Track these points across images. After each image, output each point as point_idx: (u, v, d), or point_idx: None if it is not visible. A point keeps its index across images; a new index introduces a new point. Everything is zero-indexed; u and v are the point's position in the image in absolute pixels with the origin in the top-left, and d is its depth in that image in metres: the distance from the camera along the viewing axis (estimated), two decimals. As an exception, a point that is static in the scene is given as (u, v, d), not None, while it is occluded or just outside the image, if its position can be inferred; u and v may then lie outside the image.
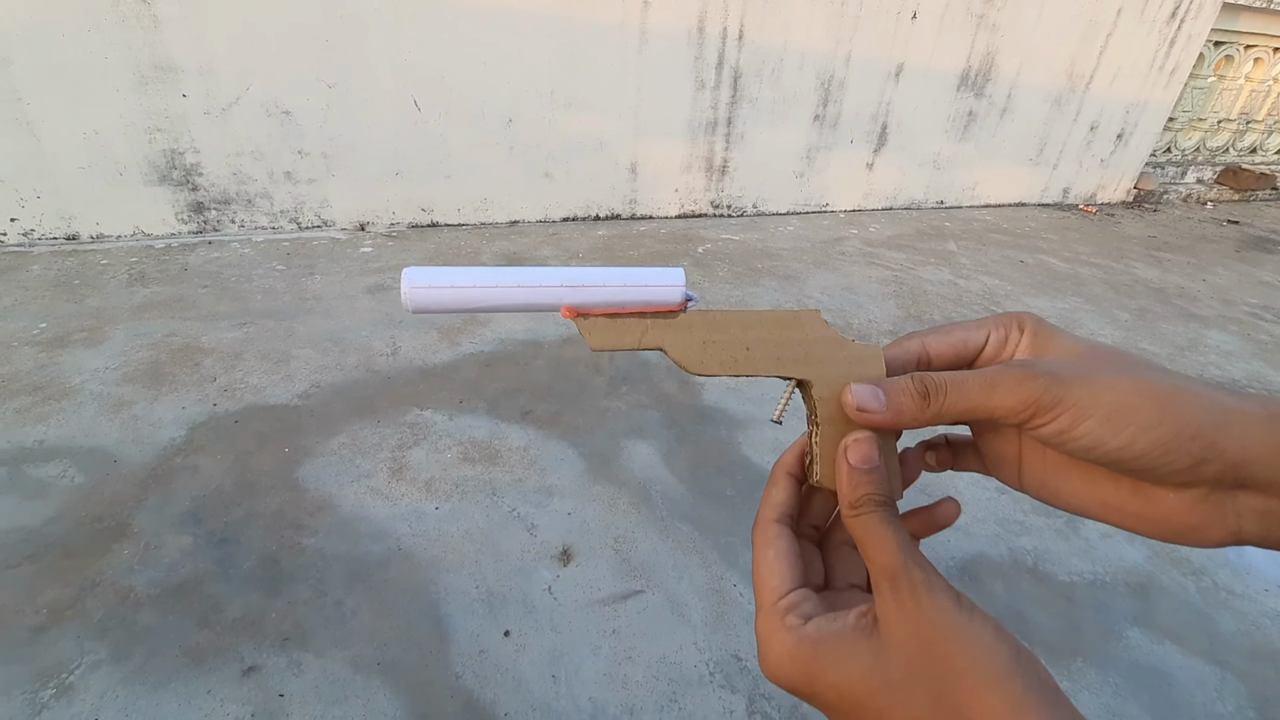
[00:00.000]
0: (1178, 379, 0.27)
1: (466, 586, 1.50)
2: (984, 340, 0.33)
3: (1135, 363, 0.29)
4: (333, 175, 3.35)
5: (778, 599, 0.29)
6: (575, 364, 2.41)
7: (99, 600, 1.38)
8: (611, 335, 0.30)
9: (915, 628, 0.25)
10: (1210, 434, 0.25)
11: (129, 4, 2.74)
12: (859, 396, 0.30)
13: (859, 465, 0.30)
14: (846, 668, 0.26)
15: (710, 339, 0.31)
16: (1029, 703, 0.23)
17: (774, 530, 0.32)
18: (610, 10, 3.44)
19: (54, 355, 2.21)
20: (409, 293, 0.28)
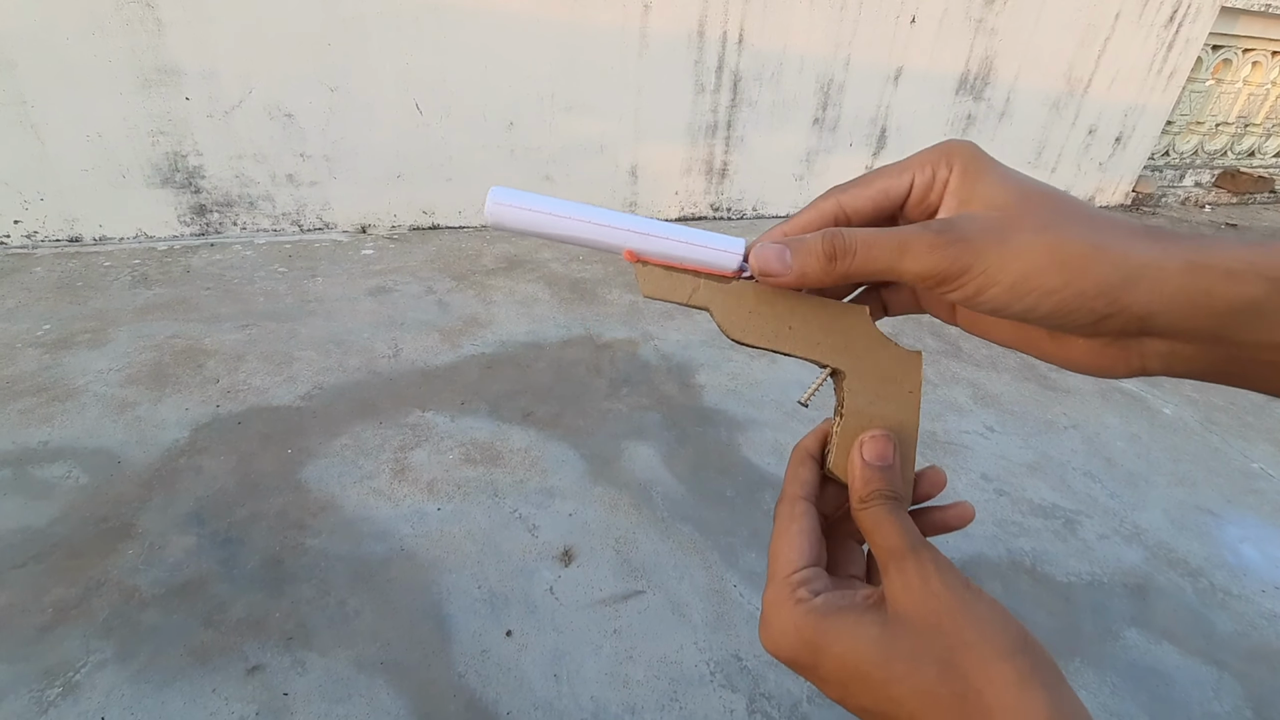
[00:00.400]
0: (1096, 234, 0.26)
1: (469, 587, 1.51)
2: (907, 187, 0.31)
3: (1058, 212, 0.27)
4: (335, 178, 3.36)
5: (791, 572, 0.30)
6: (576, 366, 2.42)
7: (104, 600, 1.39)
8: (665, 285, 0.31)
9: (923, 602, 0.26)
10: (1116, 292, 0.25)
11: (133, 8, 2.76)
12: (762, 258, 0.30)
13: (873, 461, 0.31)
14: (853, 639, 0.27)
15: (757, 310, 0.32)
16: (1037, 678, 0.23)
17: (801, 507, 0.32)
18: (611, 14, 3.46)
19: (58, 357, 2.22)
20: (492, 208, 0.30)
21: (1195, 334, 0.25)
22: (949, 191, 0.30)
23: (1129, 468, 2.15)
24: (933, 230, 0.28)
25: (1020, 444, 2.21)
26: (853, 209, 0.32)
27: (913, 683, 0.25)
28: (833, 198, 0.32)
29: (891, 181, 0.31)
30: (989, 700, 0.23)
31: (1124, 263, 0.25)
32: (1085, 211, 0.27)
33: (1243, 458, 2.26)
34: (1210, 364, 0.27)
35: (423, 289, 2.92)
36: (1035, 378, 2.64)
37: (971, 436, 2.23)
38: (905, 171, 0.31)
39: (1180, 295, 0.25)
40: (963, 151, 0.31)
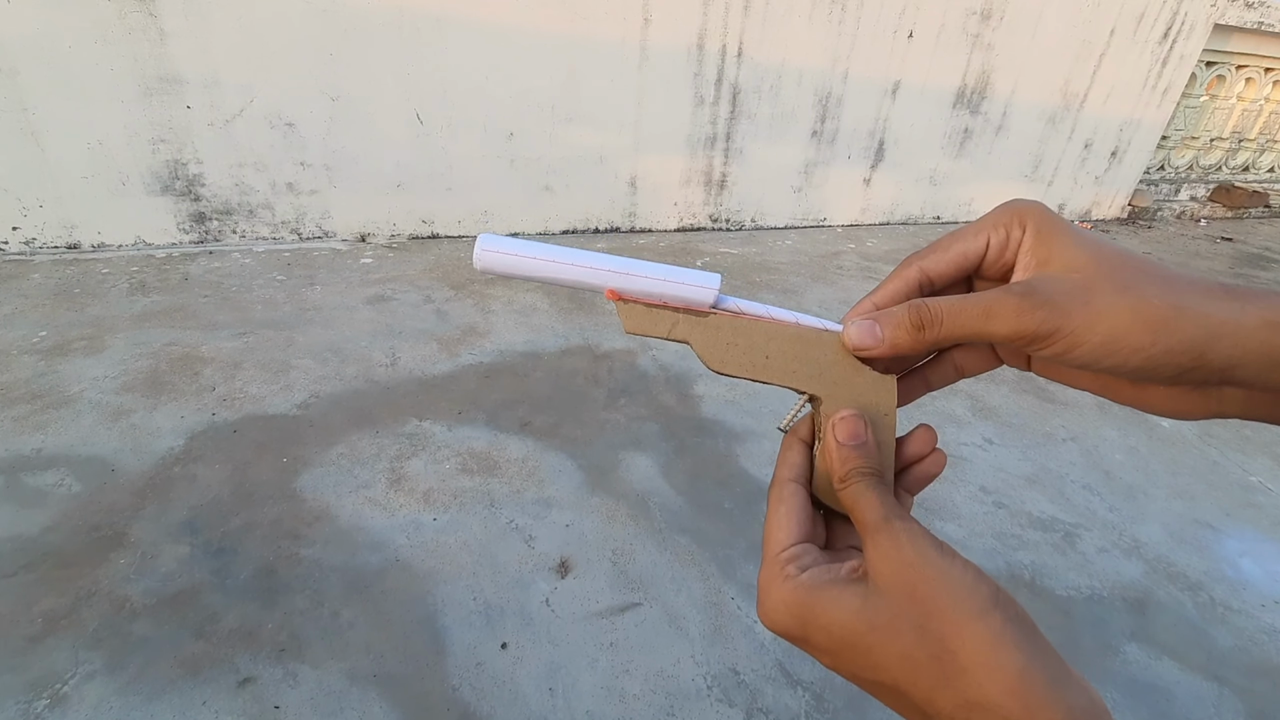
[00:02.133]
0: (1176, 294, 0.27)
1: (464, 598, 1.49)
2: (984, 247, 0.32)
3: (1138, 274, 0.28)
4: (334, 187, 3.37)
5: (780, 551, 0.31)
6: (574, 376, 2.42)
7: (94, 610, 1.37)
8: (646, 322, 0.33)
9: (900, 571, 0.27)
10: (1200, 349, 0.27)
11: (136, 17, 2.77)
12: (856, 336, 0.32)
13: (846, 441, 0.32)
14: (837, 610, 0.28)
15: (734, 341, 0.33)
16: (1009, 634, 0.25)
17: (789, 489, 0.33)
18: (611, 27, 3.49)
19: (53, 363, 2.21)
20: (480, 254, 0.31)
21: (1274, 385, 0.27)
22: (1023, 251, 0.31)
23: (1127, 480, 2.14)
24: (1016, 294, 0.29)
25: (1019, 456, 2.21)
26: (935, 273, 0.33)
27: (893, 648, 0.26)
28: (914, 265, 0.34)
29: (968, 244, 0.32)
30: (963, 660, 0.24)
31: (1205, 321, 0.27)
32: (1161, 271, 0.29)
33: (1241, 471, 2.25)
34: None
35: (421, 298, 2.92)
36: (1033, 390, 2.64)
37: (970, 449, 2.22)
38: (980, 234, 0.32)
39: (1261, 350, 0.26)
40: (1034, 213, 0.31)
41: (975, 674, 0.24)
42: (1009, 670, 0.24)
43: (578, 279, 0.32)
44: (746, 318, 0.33)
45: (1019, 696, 0.24)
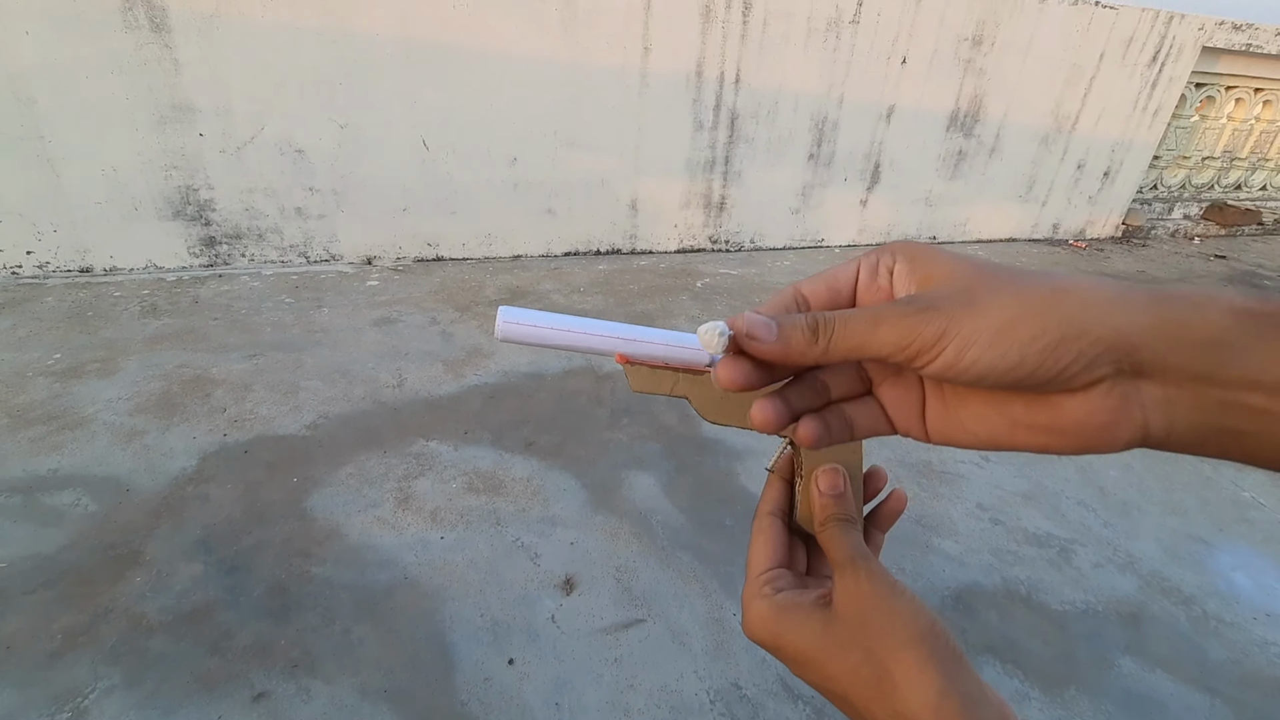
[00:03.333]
0: (1059, 281, 0.27)
1: (471, 615, 1.53)
2: (854, 276, 0.33)
3: (1016, 275, 0.28)
4: (342, 211, 3.45)
5: (759, 573, 0.36)
6: (577, 396, 2.46)
7: (112, 626, 1.41)
8: (650, 382, 0.37)
9: (856, 603, 0.32)
10: (1094, 329, 0.26)
11: (152, 48, 2.87)
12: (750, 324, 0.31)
13: (827, 491, 0.37)
14: (802, 630, 0.33)
15: (728, 396, 0.37)
16: (934, 660, 0.29)
17: (768, 521, 0.39)
18: (612, 55, 3.59)
19: (68, 385, 2.26)
20: (502, 326, 0.35)
21: (1183, 371, 0.26)
22: (898, 275, 0.32)
23: (1122, 496, 2.18)
24: (903, 302, 0.30)
25: (1014, 473, 2.24)
26: (809, 291, 0.34)
27: (843, 666, 0.31)
28: (791, 287, 0.35)
29: (839, 271, 0.34)
30: (896, 679, 0.30)
31: (1094, 299, 0.26)
32: (1038, 272, 0.29)
33: (1234, 486, 2.29)
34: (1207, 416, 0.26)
35: (427, 320, 2.98)
36: (1029, 407, 2.68)
37: (966, 466, 2.26)
38: (850, 264, 0.34)
39: (1156, 326, 0.26)
40: (902, 246, 0.32)
41: (903, 690, 0.29)
42: (930, 689, 0.29)
43: (590, 346, 0.36)
44: None
45: (936, 711, 0.29)
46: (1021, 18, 4.42)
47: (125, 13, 2.78)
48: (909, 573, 1.77)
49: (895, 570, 1.76)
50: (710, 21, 3.71)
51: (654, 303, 3.39)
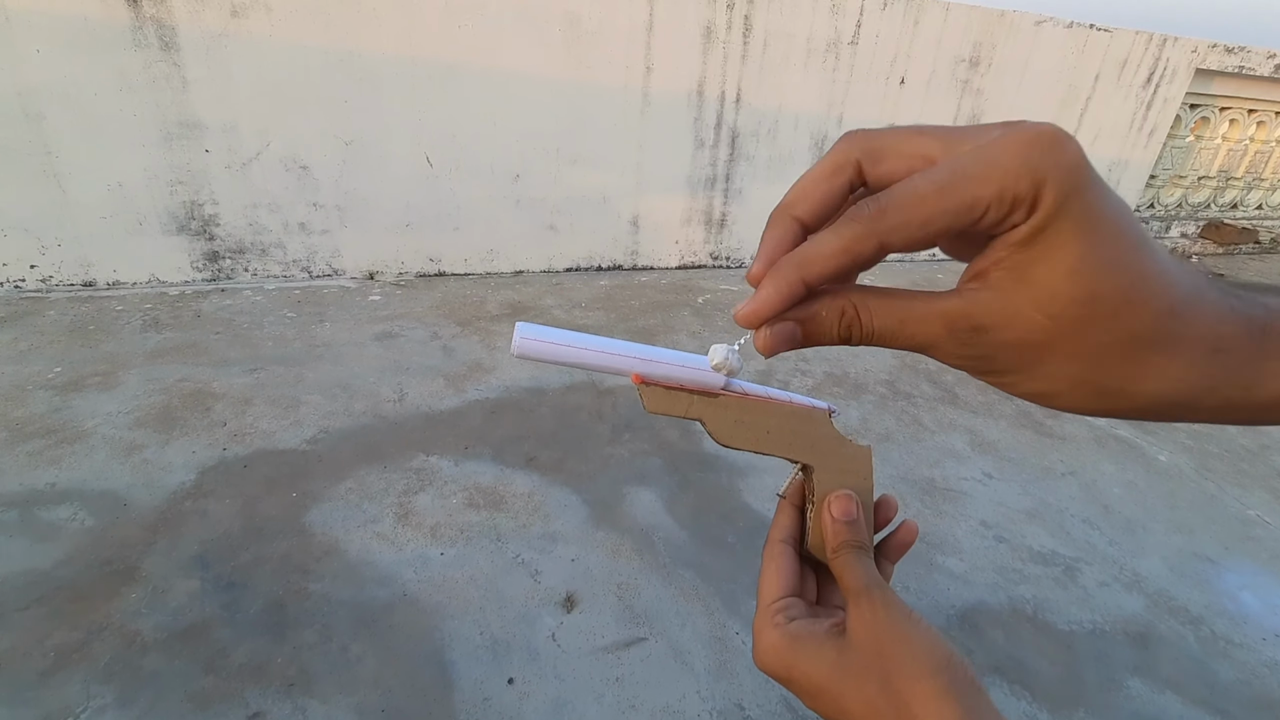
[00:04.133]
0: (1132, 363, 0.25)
1: (471, 633, 1.51)
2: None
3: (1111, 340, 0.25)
4: (345, 226, 3.46)
5: (771, 601, 0.35)
6: (579, 411, 2.46)
7: (106, 644, 1.39)
8: (665, 403, 0.36)
9: (871, 631, 0.31)
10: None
11: (160, 66, 2.90)
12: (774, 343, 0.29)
13: (840, 518, 0.36)
14: (816, 659, 0.32)
15: (740, 419, 0.37)
16: (952, 691, 0.28)
17: (779, 549, 0.38)
18: (615, 74, 3.63)
19: (68, 399, 2.25)
20: (520, 342, 0.34)
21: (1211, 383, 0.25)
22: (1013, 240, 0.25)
23: (1127, 514, 2.16)
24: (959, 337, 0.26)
25: (1019, 491, 2.23)
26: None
27: (859, 696, 0.30)
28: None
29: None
30: (915, 710, 0.29)
31: None
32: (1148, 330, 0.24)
33: (1239, 504, 2.28)
34: None
35: (428, 334, 2.98)
36: (1031, 424, 2.67)
37: (970, 483, 2.25)
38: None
39: None
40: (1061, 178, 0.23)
41: None
42: (953, 717, 0.28)
43: (606, 365, 0.36)
44: (750, 398, 0.38)
45: None
46: (1018, 39, 4.48)
47: (135, 32, 2.81)
48: (913, 591, 1.75)
49: (899, 589, 1.75)
50: (711, 42, 3.75)
51: (655, 318, 3.40)
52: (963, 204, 0.24)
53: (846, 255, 0.26)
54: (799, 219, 0.29)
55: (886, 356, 3.20)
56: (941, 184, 0.24)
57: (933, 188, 0.24)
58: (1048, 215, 0.23)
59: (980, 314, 0.26)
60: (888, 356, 3.20)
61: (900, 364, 3.13)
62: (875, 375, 2.98)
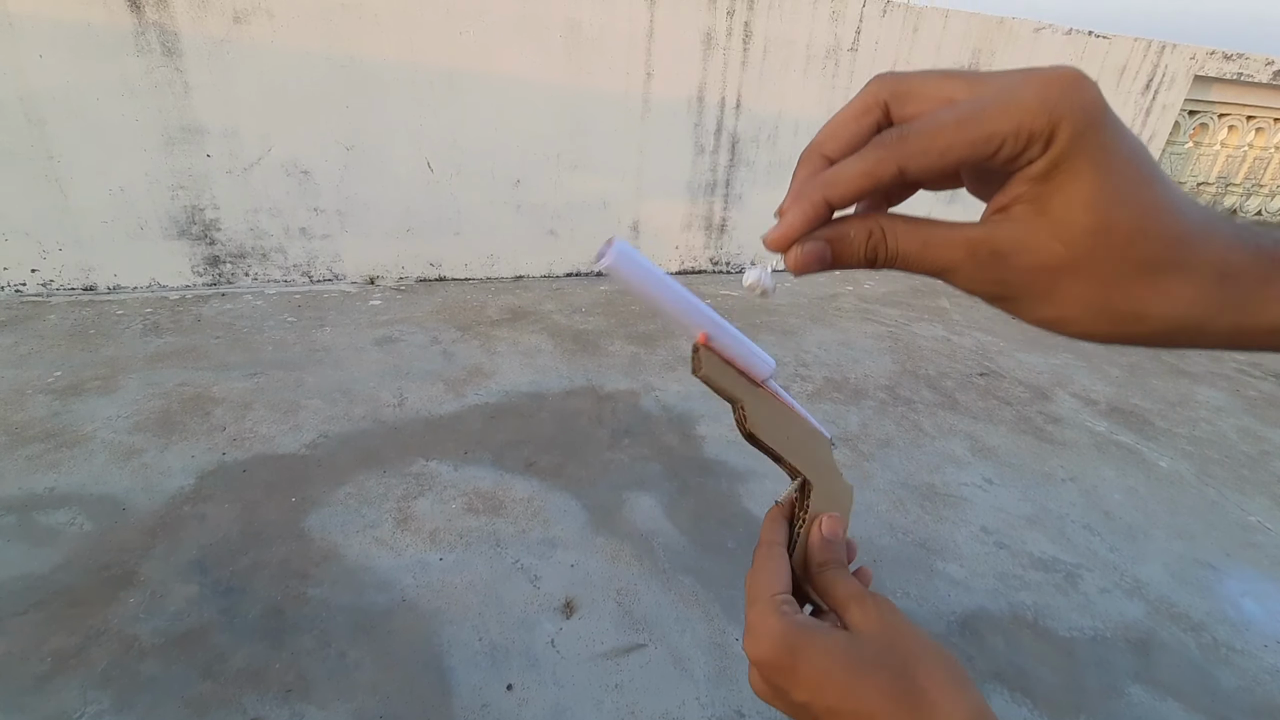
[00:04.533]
0: None
1: (469, 639, 1.50)
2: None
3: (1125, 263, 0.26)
4: (346, 231, 3.47)
5: (774, 594, 0.36)
6: (578, 416, 2.45)
7: (104, 649, 1.39)
8: (716, 372, 0.37)
9: (879, 626, 0.33)
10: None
11: (163, 71, 2.91)
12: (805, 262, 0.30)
13: (830, 536, 0.38)
14: (826, 646, 0.32)
15: (771, 417, 0.39)
16: (966, 681, 0.31)
17: (777, 549, 0.39)
18: (615, 81, 3.65)
19: (67, 403, 2.25)
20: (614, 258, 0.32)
21: None
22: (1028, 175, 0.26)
23: (1127, 520, 2.16)
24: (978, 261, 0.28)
25: (1019, 496, 2.23)
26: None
27: (873, 683, 0.31)
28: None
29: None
30: (933, 696, 0.30)
31: None
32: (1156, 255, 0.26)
33: (1239, 510, 2.27)
34: None
35: (428, 339, 2.98)
36: (1031, 430, 2.67)
37: (970, 489, 2.24)
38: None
39: None
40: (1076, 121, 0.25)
41: (943, 707, 0.30)
42: (969, 705, 0.30)
43: (681, 312, 0.35)
44: (781, 401, 0.40)
45: None
46: (1016, 46, 4.50)
47: (138, 37, 2.83)
48: (914, 597, 1.75)
49: (900, 594, 1.74)
50: (712, 49, 3.77)
51: (655, 324, 3.40)
52: (980, 136, 0.25)
53: (868, 178, 0.27)
54: (827, 157, 0.30)
55: (886, 360, 3.20)
56: (962, 117, 0.25)
57: (953, 119, 0.26)
58: (1063, 150, 0.25)
59: (1000, 241, 0.27)
60: (887, 360, 3.20)
61: (900, 369, 3.13)
62: (875, 381, 2.98)
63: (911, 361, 3.24)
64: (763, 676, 0.34)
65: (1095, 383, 3.19)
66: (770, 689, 0.34)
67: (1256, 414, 3.03)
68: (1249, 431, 2.85)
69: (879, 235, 0.29)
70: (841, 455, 2.37)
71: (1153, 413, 2.94)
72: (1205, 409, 3.02)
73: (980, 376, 3.14)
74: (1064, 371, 3.30)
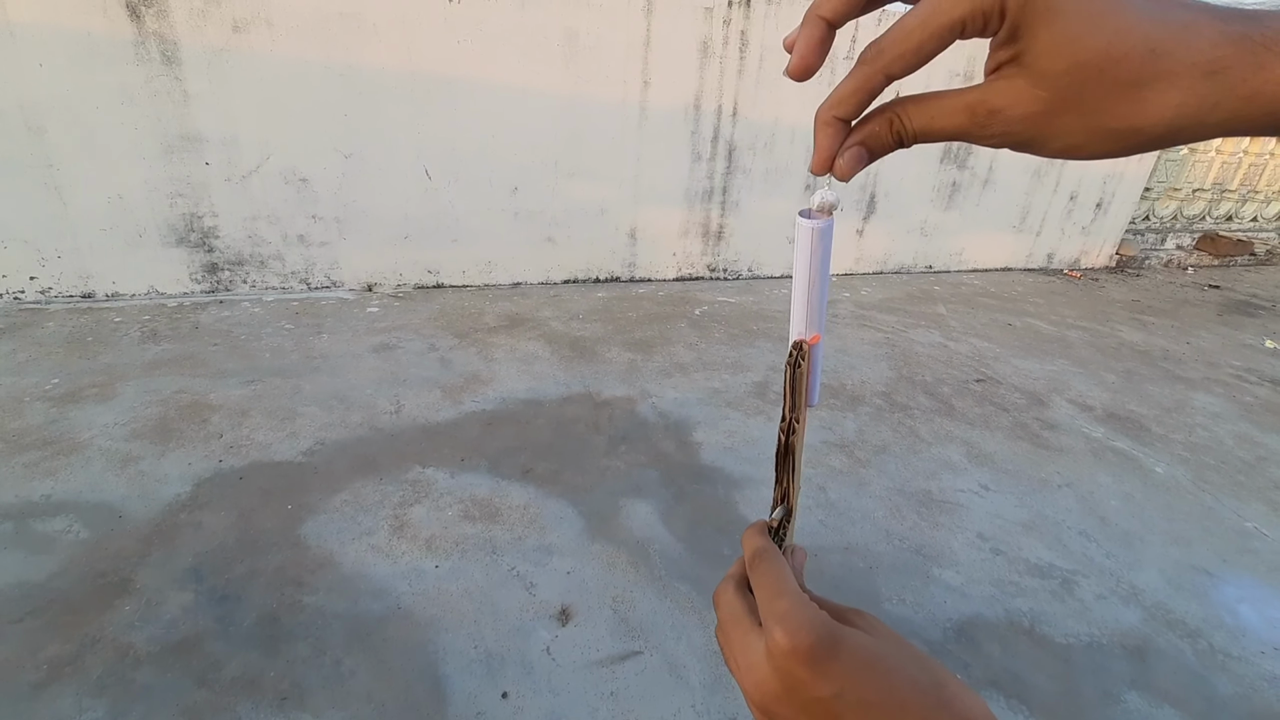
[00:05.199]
0: None
1: (465, 646, 1.50)
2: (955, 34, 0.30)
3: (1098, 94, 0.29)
4: (344, 239, 3.48)
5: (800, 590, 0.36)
6: (575, 423, 2.46)
7: (99, 657, 1.38)
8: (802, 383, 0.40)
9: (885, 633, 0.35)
10: None
11: (162, 80, 2.93)
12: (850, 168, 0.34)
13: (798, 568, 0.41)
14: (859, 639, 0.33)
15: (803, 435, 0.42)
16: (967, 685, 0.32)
17: (777, 552, 0.40)
18: (612, 89, 3.67)
19: (65, 410, 2.25)
20: (826, 224, 0.36)
21: None
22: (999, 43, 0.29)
23: (1124, 527, 2.16)
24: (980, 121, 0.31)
25: (1015, 503, 2.23)
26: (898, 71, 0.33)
27: (903, 676, 0.32)
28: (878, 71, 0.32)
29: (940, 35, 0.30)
30: (954, 689, 0.32)
31: None
32: None
33: (1236, 516, 2.27)
34: None
35: (425, 346, 2.99)
36: (1028, 436, 2.67)
37: (967, 495, 2.25)
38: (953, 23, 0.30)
39: None
40: None
41: (964, 699, 0.31)
42: (983, 702, 0.32)
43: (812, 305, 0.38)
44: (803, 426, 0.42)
45: (990, 715, 0.31)
46: (1012, 54, 4.53)
47: (138, 46, 2.85)
48: (910, 604, 1.75)
49: (896, 601, 1.74)
50: (708, 57, 3.79)
51: (653, 330, 3.41)
52: (943, 27, 0.29)
53: (862, 91, 0.32)
54: (825, 18, 0.33)
55: (883, 366, 3.20)
56: (923, 16, 0.29)
57: (916, 21, 0.29)
58: (1016, 15, 0.28)
59: (993, 99, 0.31)
60: (884, 367, 3.20)
61: (897, 376, 3.14)
62: (872, 387, 2.99)
63: (908, 368, 3.25)
64: (787, 669, 0.33)
65: (1091, 389, 3.20)
66: (786, 686, 0.33)
67: (1253, 420, 3.03)
68: (1245, 437, 2.85)
69: (897, 121, 0.33)
70: (838, 462, 2.37)
71: (1149, 418, 2.94)
72: (1202, 415, 3.03)
73: (977, 383, 3.15)
74: (1060, 377, 3.31)
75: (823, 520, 2.06)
